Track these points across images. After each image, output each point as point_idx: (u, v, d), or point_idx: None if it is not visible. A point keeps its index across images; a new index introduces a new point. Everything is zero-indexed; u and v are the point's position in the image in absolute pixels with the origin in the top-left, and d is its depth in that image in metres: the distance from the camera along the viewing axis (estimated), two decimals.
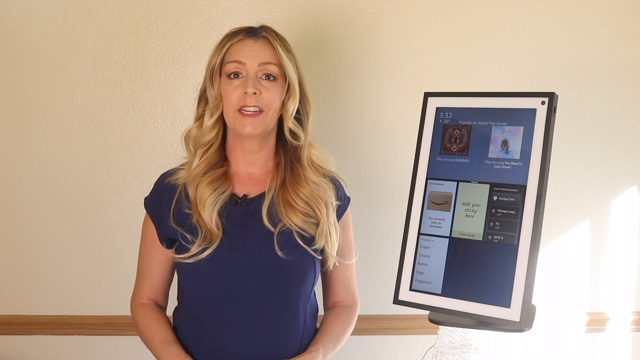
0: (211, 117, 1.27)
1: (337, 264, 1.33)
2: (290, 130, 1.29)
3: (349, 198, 1.39)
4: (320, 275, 1.37)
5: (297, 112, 1.30)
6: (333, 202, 1.31)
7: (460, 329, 1.16)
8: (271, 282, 1.24)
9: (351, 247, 1.40)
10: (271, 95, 1.24)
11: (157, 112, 1.70)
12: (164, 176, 1.32)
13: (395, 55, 1.71)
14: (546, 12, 1.72)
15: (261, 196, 1.29)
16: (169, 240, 1.29)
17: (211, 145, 1.29)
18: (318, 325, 1.38)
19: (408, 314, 1.76)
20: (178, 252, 1.26)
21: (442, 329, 1.18)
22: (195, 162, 1.27)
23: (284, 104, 1.28)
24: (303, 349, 1.29)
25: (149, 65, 1.68)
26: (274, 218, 1.25)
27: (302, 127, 1.30)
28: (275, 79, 1.26)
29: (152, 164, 1.71)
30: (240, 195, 1.29)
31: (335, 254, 1.31)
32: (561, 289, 1.83)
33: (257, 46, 1.26)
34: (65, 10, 1.66)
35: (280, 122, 1.30)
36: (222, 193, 1.26)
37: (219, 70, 1.26)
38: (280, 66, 1.26)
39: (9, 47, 1.67)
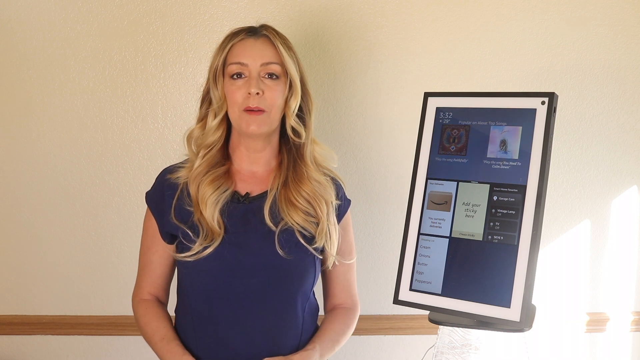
0: (215, 118, 1.27)
1: (336, 263, 1.34)
2: (293, 128, 1.29)
3: (350, 200, 1.39)
4: (320, 276, 1.37)
5: (300, 109, 1.30)
6: (333, 202, 1.31)
7: (460, 329, 1.15)
8: (272, 280, 1.24)
9: (351, 248, 1.40)
10: (273, 95, 1.25)
11: (157, 112, 1.70)
12: (166, 172, 1.32)
13: (396, 55, 1.71)
14: (546, 12, 1.72)
15: (263, 194, 1.29)
16: (171, 235, 1.29)
17: (214, 146, 1.29)
18: (319, 323, 1.39)
19: (408, 314, 1.76)
20: (179, 249, 1.27)
21: (442, 329, 1.18)
22: (197, 162, 1.27)
23: (286, 102, 1.28)
24: (301, 347, 1.29)
25: (149, 65, 1.68)
26: (275, 216, 1.26)
27: (304, 124, 1.30)
28: (277, 77, 1.26)
29: (152, 164, 1.71)
30: (243, 193, 1.29)
31: (335, 253, 1.31)
32: (561, 289, 1.83)
33: (259, 45, 1.26)
34: (65, 10, 1.66)
35: (283, 120, 1.30)
36: (224, 191, 1.26)
37: (222, 70, 1.27)
38: (282, 65, 1.26)
39: (9, 47, 1.67)
